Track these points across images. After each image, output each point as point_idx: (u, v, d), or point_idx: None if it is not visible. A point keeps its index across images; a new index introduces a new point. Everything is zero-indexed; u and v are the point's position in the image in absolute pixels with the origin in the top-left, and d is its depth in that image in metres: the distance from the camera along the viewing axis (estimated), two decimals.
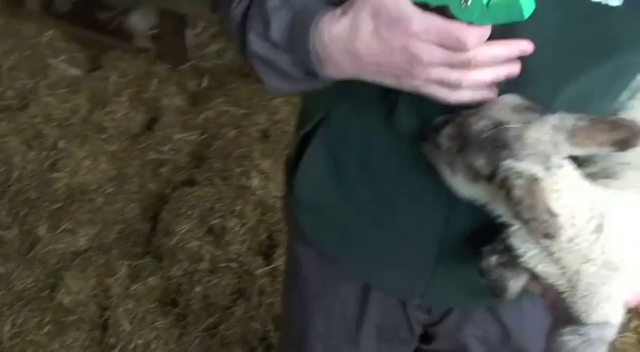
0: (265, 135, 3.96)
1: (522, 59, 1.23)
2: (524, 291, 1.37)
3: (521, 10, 1.11)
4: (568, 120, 1.19)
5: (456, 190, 1.29)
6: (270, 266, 3.33)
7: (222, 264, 3.34)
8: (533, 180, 1.16)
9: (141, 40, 4.65)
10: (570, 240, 1.20)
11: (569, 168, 1.21)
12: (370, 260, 1.62)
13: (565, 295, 1.27)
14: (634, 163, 1.32)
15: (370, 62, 1.23)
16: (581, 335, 1.28)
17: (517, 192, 1.15)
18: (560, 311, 1.31)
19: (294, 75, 1.33)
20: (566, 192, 1.19)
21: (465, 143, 1.22)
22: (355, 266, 1.67)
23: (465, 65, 1.18)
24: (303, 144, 1.61)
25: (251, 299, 3.24)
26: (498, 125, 1.19)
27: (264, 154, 3.76)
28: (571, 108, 1.25)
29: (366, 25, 1.20)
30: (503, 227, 1.26)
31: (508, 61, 1.21)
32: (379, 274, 1.64)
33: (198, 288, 3.24)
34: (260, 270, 3.33)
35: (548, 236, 1.15)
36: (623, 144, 1.20)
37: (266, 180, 3.63)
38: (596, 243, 1.21)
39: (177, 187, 3.71)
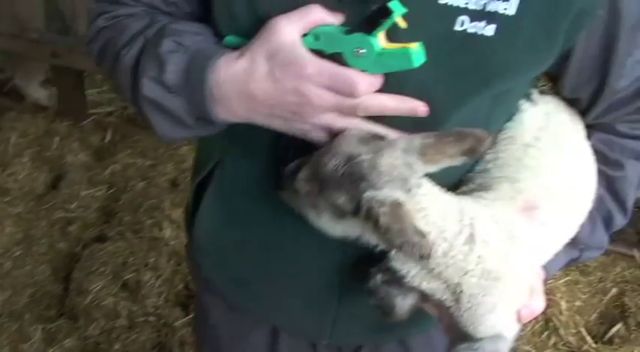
0: (174, 185, 3.94)
1: (403, 90, 1.27)
2: (416, 310, 1.39)
3: (411, 59, 1.16)
4: (415, 140, 1.23)
5: (326, 231, 1.29)
6: (189, 317, 3.29)
7: (140, 319, 3.29)
8: (397, 205, 1.17)
9: (41, 98, 4.57)
10: (445, 254, 1.24)
11: (428, 185, 1.25)
12: (275, 304, 1.63)
13: (452, 310, 1.30)
14: (510, 176, 1.37)
15: (263, 104, 1.26)
16: (475, 349, 1.31)
17: (383, 221, 1.15)
18: (455, 330, 1.33)
19: (186, 120, 1.33)
20: (431, 209, 1.22)
21: (322, 183, 1.22)
22: (261, 311, 1.67)
23: (353, 111, 1.22)
24: (199, 191, 1.62)
25: (172, 351, 3.19)
26: (350, 159, 1.20)
27: (174, 204, 3.74)
28: None
29: (261, 67, 1.23)
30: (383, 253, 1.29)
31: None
32: (285, 317, 1.64)
33: (117, 346, 3.18)
34: (179, 322, 3.30)
35: (423, 257, 1.16)
36: (471, 152, 1.24)
37: (178, 229, 3.60)
38: (471, 253, 1.24)
39: (87, 244, 3.64)
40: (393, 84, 1.26)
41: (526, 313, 1.34)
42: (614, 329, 3.41)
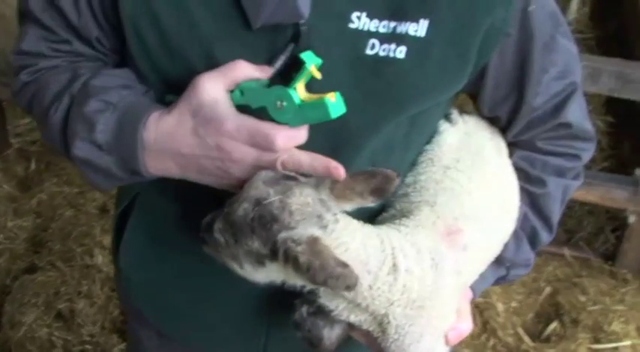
0: (104, 210, 3.87)
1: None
2: (345, 340, 1.37)
3: (328, 111, 1.16)
4: (327, 178, 1.23)
5: (252, 280, 1.27)
6: (126, 343, 3.23)
7: (77, 348, 3.23)
8: (313, 241, 1.15)
9: None
10: (371, 286, 1.22)
11: (346, 219, 1.23)
12: (204, 332, 1.61)
13: (379, 340, 1.30)
14: (430, 200, 1.36)
15: (191, 160, 1.26)
16: None
17: (303, 259, 1.12)
18: None
19: (120, 174, 1.33)
20: (351, 242, 1.20)
21: (235, 232, 1.21)
22: (190, 339, 1.65)
23: (272, 166, 1.22)
24: (122, 222, 1.61)
25: None
26: (259, 203, 1.18)
27: (104, 230, 3.67)
28: (375, 161, 1.31)
29: (187, 123, 1.24)
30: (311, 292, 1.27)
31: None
32: (215, 345, 1.63)
33: None
34: (116, 348, 3.24)
35: (350, 287, 1.13)
36: (380, 192, 1.23)
37: (110, 255, 3.52)
38: (396, 283, 1.23)
39: (17, 276, 3.55)
40: None
41: (454, 335, 1.35)
42: (550, 328, 3.47)
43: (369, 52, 1.25)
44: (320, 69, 1.18)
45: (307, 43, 1.24)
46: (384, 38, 1.25)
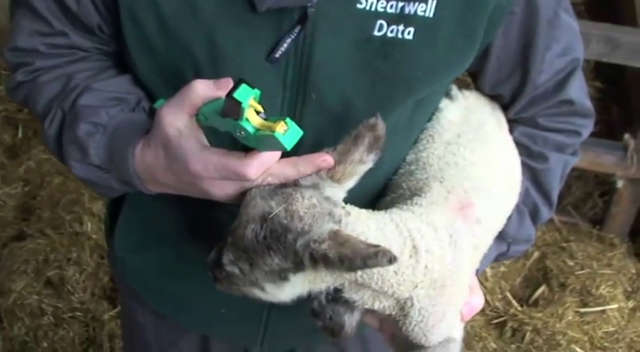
0: None
1: (324, 104, 1.25)
2: (361, 325, 1.36)
3: (282, 144, 1.10)
4: (319, 171, 1.19)
5: (277, 300, 1.23)
6: (117, 310, 3.24)
7: (67, 315, 3.24)
8: (335, 234, 1.12)
9: None
10: (396, 272, 1.20)
11: (356, 210, 1.20)
12: (204, 313, 1.61)
13: (401, 324, 1.27)
14: (436, 176, 1.34)
15: (179, 189, 1.24)
16: None
17: (332, 254, 1.09)
18: (401, 340, 1.31)
19: (120, 188, 1.33)
20: (368, 231, 1.18)
21: (249, 256, 1.17)
22: (190, 321, 1.65)
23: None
24: (117, 203, 1.59)
25: (102, 346, 3.15)
26: (265, 219, 1.14)
27: (93, 197, 3.66)
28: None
29: (162, 159, 1.21)
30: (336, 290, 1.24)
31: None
32: (215, 326, 1.63)
33: (45, 344, 3.12)
34: (107, 315, 3.25)
35: (392, 260, 1.08)
36: (376, 145, 1.19)
37: (99, 222, 3.53)
38: (418, 265, 1.21)
39: (6, 244, 3.54)
40: (313, 99, 1.25)
41: (467, 311, 1.34)
42: (538, 292, 3.50)
43: (376, 33, 1.23)
44: (260, 98, 1.11)
45: (314, 25, 1.21)
46: (392, 19, 1.22)
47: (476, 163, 1.36)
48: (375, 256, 1.07)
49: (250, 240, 1.15)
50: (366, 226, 1.18)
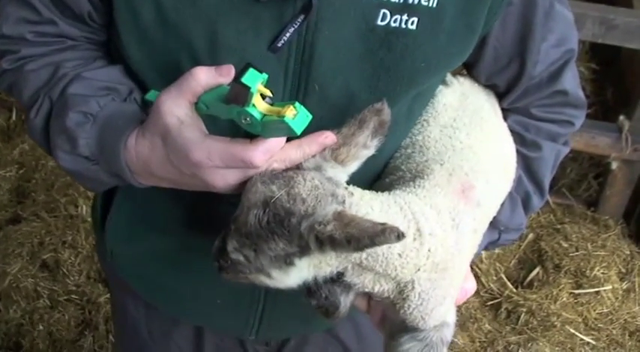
0: None
1: (327, 96, 1.24)
2: (352, 309, 1.35)
3: (292, 129, 1.08)
4: (323, 152, 1.18)
5: (284, 286, 1.22)
6: None
7: (63, 298, 3.24)
8: (339, 215, 1.11)
9: None
10: (400, 255, 1.19)
11: (360, 192, 1.19)
12: (199, 304, 1.59)
13: (398, 307, 1.26)
14: (434, 158, 1.33)
15: (177, 182, 1.22)
16: (420, 340, 1.29)
17: (338, 235, 1.08)
18: (393, 322, 1.31)
19: (109, 181, 1.30)
20: (372, 213, 1.17)
21: (253, 242, 1.15)
22: (184, 312, 1.64)
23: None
24: (107, 197, 1.57)
25: (98, 328, 3.16)
26: (267, 204, 1.12)
27: None
28: None
29: (159, 150, 1.18)
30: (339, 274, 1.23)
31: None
32: (210, 317, 1.61)
33: (40, 327, 3.13)
34: (103, 297, 3.25)
35: (400, 236, 1.06)
36: (381, 130, 1.19)
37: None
38: (422, 248, 1.20)
39: (1, 227, 3.54)
40: (316, 90, 1.24)
41: (461, 295, 1.34)
42: (532, 274, 3.51)
43: (379, 22, 1.22)
44: (267, 83, 1.10)
45: (318, 14, 1.19)
46: (396, 8, 1.21)
47: (472, 147, 1.35)
48: (383, 233, 1.05)
49: (254, 226, 1.13)
50: (370, 207, 1.17)
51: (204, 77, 1.13)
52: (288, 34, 1.19)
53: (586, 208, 3.81)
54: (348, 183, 1.21)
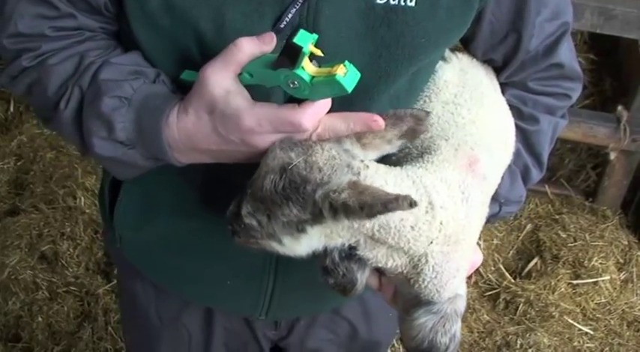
0: None
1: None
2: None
3: (343, 87, 1.10)
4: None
5: (294, 254, 1.24)
6: (112, 284, 3.26)
7: (62, 290, 3.25)
8: (354, 184, 1.13)
9: None
10: (412, 227, 1.21)
11: (375, 165, 1.21)
12: (209, 285, 1.61)
13: (412, 281, 1.28)
14: (439, 134, 1.35)
15: (221, 154, 1.24)
16: (435, 313, 1.31)
17: (352, 202, 1.11)
18: (407, 298, 1.32)
19: (146, 165, 1.30)
20: (386, 185, 1.19)
21: (268, 207, 1.18)
22: (194, 293, 1.65)
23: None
24: (116, 182, 1.58)
25: (97, 320, 3.16)
26: (284, 170, 1.15)
27: (86, 171, 3.67)
28: (383, 111, 1.27)
29: (206, 123, 1.20)
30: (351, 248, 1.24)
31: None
32: (220, 297, 1.63)
33: (39, 318, 3.14)
34: (102, 289, 3.26)
35: (413, 204, 1.09)
36: (412, 134, 1.22)
37: (93, 197, 3.53)
38: (434, 221, 1.22)
39: (0, 219, 3.54)
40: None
41: (469, 267, 1.36)
42: (531, 264, 3.52)
43: (379, 1, 1.23)
44: (317, 43, 1.13)
45: None
46: None
47: (475, 121, 1.38)
48: (396, 200, 1.08)
49: (269, 191, 1.16)
50: (384, 180, 1.19)
51: (249, 47, 1.16)
52: (290, 16, 1.21)
53: (584, 199, 3.81)
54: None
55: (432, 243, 1.23)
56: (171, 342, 1.76)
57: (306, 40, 1.11)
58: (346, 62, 1.12)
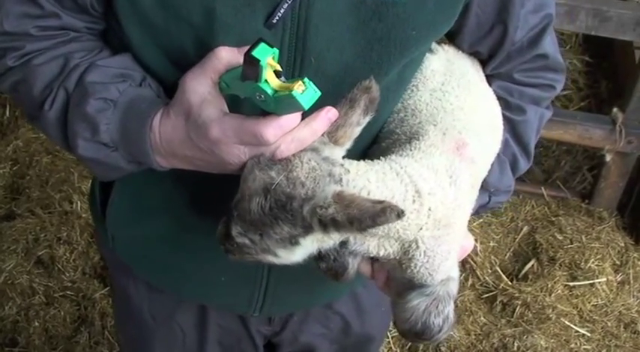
0: None
1: (323, 69, 1.26)
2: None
3: (300, 104, 1.10)
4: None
5: (290, 262, 1.25)
6: (108, 288, 3.24)
7: (58, 294, 3.25)
8: (338, 196, 1.14)
9: None
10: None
11: (354, 165, 1.22)
12: (203, 282, 1.61)
13: (405, 267, 1.30)
14: (427, 120, 1.37)
15: (195, 162, 1.24)
16: (428, 295, 1.32)
17: (340, 217, 1.12)
18: (399, 282, 1.34)
19: (128, 167, 1.32)
20: (369, 185, 1.20)
21: (260, 228, 1.18)
22: (189, 291, 1.66)
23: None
24: (107, 182, 1.58)
25: (94, 324, 3.16)
26: (268, 191, 1.15)
27: (82, 176, 3.66)
28: None
29: (182, 128, 1.21)
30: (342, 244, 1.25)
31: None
32: (215, 294, 1.63)
33: (36, 323, 3.13)
34: (98, 293, 3.26)
35: (400, 214, 1.11)
36: (371, 107, 1.22)
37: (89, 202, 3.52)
38: (422, 208, 1.23)
39: None
40: (312, 63, 1.26)
41: (460, 253, 1.37)
42: (527, 266, 3.52)
43: None
44: (278, 58, 1.12)
45: None
46: None
47: (462, 108, 1.39)
48: (384, 213, 1.09)
49: (257, 213, 1.16)
50: (367, 180, 1.20)
51: (226, 55, 1.17)
52: (282, 10, 1.21)
53: (580, 200, 3.82)
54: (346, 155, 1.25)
55: (421, 229, 1.24)
56: (165, 341, 1.76)
57: (265, 54, 1.09)
58: (305, 79, 1.11)
